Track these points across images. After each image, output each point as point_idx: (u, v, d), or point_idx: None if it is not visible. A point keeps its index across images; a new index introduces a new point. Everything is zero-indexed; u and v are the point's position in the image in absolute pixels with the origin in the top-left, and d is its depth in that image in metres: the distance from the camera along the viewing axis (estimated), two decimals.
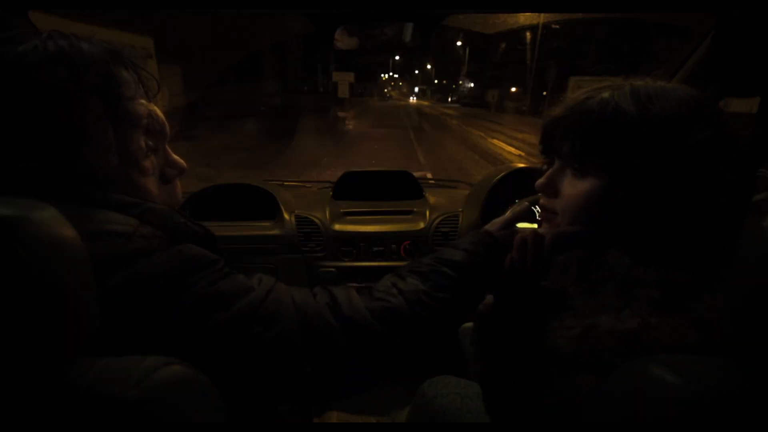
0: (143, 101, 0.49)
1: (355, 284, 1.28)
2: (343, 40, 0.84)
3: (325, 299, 0.50)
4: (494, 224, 0.63)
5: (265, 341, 0.44)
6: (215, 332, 0.42)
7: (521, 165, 1.33)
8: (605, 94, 0.46)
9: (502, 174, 1.30)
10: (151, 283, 0.41)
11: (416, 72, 72.25)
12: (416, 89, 63.01)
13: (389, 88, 67.97)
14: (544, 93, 18.61)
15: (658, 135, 0.43)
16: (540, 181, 0.52)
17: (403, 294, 0.51)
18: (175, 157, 0.55)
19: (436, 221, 1.30)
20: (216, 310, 0.43)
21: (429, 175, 3.94)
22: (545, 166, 0.54)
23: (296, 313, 0.46)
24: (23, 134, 0.41)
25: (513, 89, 27.02)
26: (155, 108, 0.51)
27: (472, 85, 45.19)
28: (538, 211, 1.41)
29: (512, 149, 9.52)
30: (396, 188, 1.47)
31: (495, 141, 11.01)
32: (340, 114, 15.89)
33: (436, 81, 66.82)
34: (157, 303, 0.41)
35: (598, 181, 0.46)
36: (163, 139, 0.53)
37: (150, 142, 0.50)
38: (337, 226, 1.30)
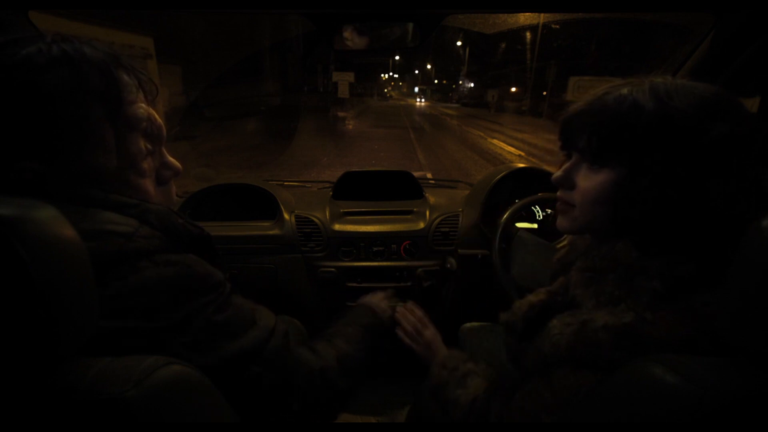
0: (143, 105, 0.50)
1: (354, 284, 1.29)
2: (344, 42, 0.84)
3: (310, 351, 0.60)
4: (378, 300, 0.87)
5: (265, 383, 0.49)
6: (220, 363, 0.45)
7: (521, 165, 1.32)
8: (624, 90, 0.46)
9: (502, 174, 1.30)
10: (157, 292, 0.42)
11: (416, 72, 72.25)
12: (416, 89, 62.95)
13: (389, 88, 67.94)
14: (544, 93, 18.59)
15: (676, 130, 0.43)
16: (557, 174, 0.53)
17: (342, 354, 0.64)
18: (171, 158, 0.56)
19: (436, 221, 1.30)
20: (224, 341, 0.46)
21: (429, 175, 3.93)
22: (564, 160, 0.55)
23: (294, 359, 0.54)
24: (25, 134, 0.42)
25: (513, 89, 27.01)
26: (153, 112, 0.52)
27: (472, 85, 45.20)
28: (537, 211, 1.41)
29: (512, 149, 9.52)
30: (396, 188, 1.47)
31: (495, 141, 11.01)
32: (340, 114, 15.89)
33: (436, 81, 66.83)
34: (162, 314, 0.42)
35: (613, 174, 0.47)
36: (161, 142, 0.54)
37: (148, 145, 0.51)
38: (337, 226, 1.30)
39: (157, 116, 0.52)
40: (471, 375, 0.66)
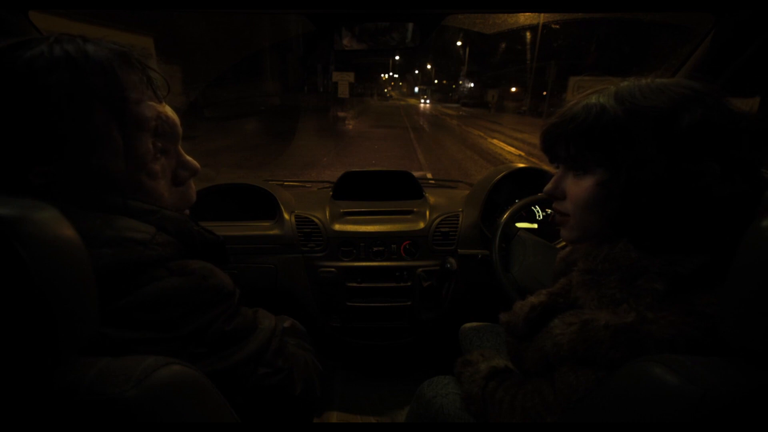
0: (152, 103, 0.48)
1: (354, 284, 1.29)
2: (344, 42, 0.84)
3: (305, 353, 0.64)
4: None
5: (270, 381, 0.51)
6: (230, 368, 0.46)
7: (521, 165, 1.33)
8: (591, 99, 0.49)
9: (502, 174, 1.30)
10: (173, 303, 0.43)
11: (416, 72, 72.22)
12: (416, 89, 62.88)
13: (389, 88, 67.92)
14: (544, 93, 18.57)
15: (646, 126, 0.44)
16: (547, 186, 0.56)
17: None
18: (188, 157, 0.54)
19: (436, 221, 1.30)
20: (234, 349, 0.48)
21: (429, 175, 3.93)
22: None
23: (291, 353, 0.57)
24: (30, 139, 0.41)
25: (513, 89, 27.00)
26: (166, 109, 0.50)
27: (472, 85, 45.14)
28: (537, 211, 1.41)
29: (512, 149, 9.52)
30: (396, 188, 1.47)
31: (495, 141, 11.00)
32: (340, 114, 15.88)
33: (436, 81, 66.82)
34: (177, 325, 0.43)
35: (596, 177, 0.49)
36: (175, 141, 0.52)
37: (159, 144, 0.49)
38: (337, 226, 1.30)
39: (169, 113, 0.51)
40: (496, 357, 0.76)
